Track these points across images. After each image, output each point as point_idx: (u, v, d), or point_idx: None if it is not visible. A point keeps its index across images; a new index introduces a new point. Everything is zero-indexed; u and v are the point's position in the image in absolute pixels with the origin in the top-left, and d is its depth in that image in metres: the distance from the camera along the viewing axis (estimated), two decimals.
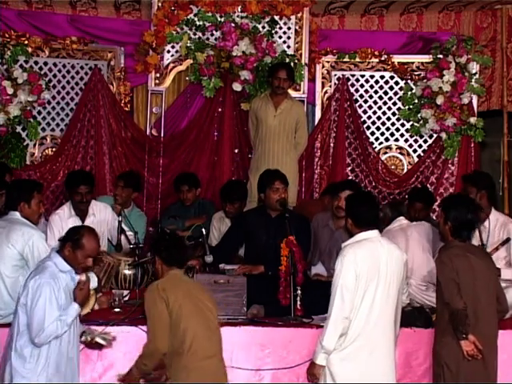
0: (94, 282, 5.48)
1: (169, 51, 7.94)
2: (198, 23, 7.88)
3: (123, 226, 6.30)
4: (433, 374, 4.90)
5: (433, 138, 7.98)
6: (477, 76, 7.83)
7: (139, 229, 6.42)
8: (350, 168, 8.00)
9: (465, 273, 4.74)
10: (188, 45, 7.85)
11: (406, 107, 7.97)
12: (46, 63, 7.78)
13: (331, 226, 6.24)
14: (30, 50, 7.63)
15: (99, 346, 4.81)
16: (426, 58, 7.95)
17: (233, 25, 7.78)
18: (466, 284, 4.73)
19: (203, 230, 5.80)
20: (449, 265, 4.75)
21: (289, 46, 7.98)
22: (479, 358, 4.68)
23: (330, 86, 8.05)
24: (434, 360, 4.86)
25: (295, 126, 7.52)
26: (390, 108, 8.05)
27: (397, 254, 4.73)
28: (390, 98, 8.05)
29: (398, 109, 8.02)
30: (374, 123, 8.06)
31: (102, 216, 6.56)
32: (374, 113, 8.06)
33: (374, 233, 4.75)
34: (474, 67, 7.82)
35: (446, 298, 4.72)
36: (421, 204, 6.82)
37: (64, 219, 6.42)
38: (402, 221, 6.16)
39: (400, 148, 8.11)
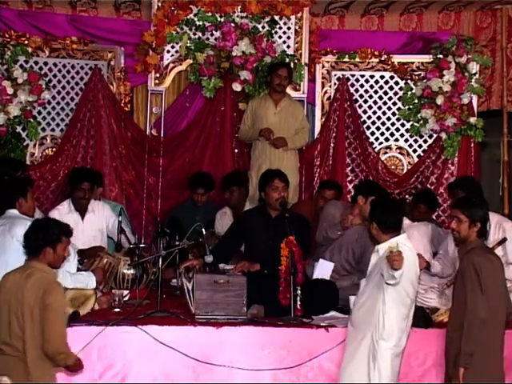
0: (92, 282, 5.47)
1: (169, 51, 7.94)
2: (197, 23, 7.88)
3: (123, 226, 6.31)
4: (445, 375, 4.86)
5: (433, 138, 7.98)
6: (477, 76, 7.83)
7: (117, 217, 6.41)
8: (349, 168, 8.00)
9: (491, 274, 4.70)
10: (188, 45, 7.85)
11: (406, 107, 7.97)
12: (46, 63, 7.78)
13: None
14: (30, 50, 7.63)
15: None
16: (426, 58, 7.95)
17: (233, 25, 7.79)
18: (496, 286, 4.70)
19: (203, 229, 5.79)
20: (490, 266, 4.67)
21: (289, 46, 7.98)
22: None
23: (330, 86, 8.05)
24: (449, 362, 4.80)
25: (296, 126, 7.57)
26: (389, 108, 8.05)
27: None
28: (390, 98, 8.05)
29: (398, 109, 8.02)
30: (373, 123, 8.06)
31: (100, 214, 6.65)
32: (374, 113, 8.05)
33: (404, 237, 4.78)
34: (474, 67, 7.82)
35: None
36: (425, 206, 6.83)
37: (63, 214, 6.48)
38: (404, 221, 6.14)
39: (400, 148, 8.10)
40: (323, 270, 6.07)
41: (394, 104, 8.04)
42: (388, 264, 4.44)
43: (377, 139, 8.08)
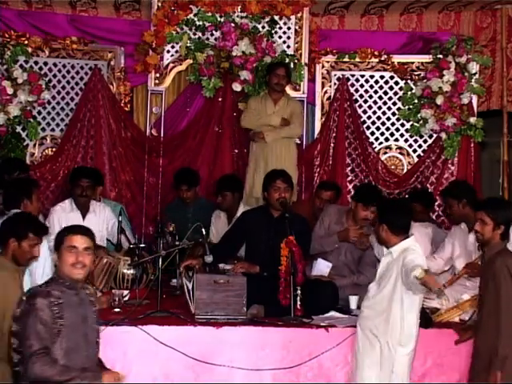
0: None
1: (168, 51, 7.94)
2: (197, 23, 7.88)
3: (123, 226, 6.31)
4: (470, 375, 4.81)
5: (433, 138, 7.98)
6: (477, 76, 7.83)
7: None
8: (349, 168, 8.00)
9: None
10: (188, 45, 7.85)
11: (406, 107, 7.97)
12: (45, 63, 7.79)
13: (344, 222, 6.19)
14: (29, 50, 7.64)
15: None
16: (426, 58, 7.95)
17: (233, 25, 7.78)
18: None
19: (203, 229, 5.79)
20: None
21: (289, 46, 7.98)
22: None
23: (330, 86, 8.05)
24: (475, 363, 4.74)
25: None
26: (389, 108, 8.05)
27: None
28: (390, 98, 8.05)
29: (398, 109, 8.02)
30: (373, 123, 8.06)
31: (101, 215, 6.66)
32: (374, 113, 8.05)
33: (413, 239, 4.77)
34: (474, 67, 7.81)
35: None
36: (420, 205, 6.82)
37: (65, 211, 6.52)
38: None
39: (400, 148, 8.10)
40: (321, 268, 6.08)
41: (394, 104, 8.04)
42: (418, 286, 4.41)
43: (377, 139, 8.08)
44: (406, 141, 8.07)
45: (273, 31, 7.94)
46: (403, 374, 4.66)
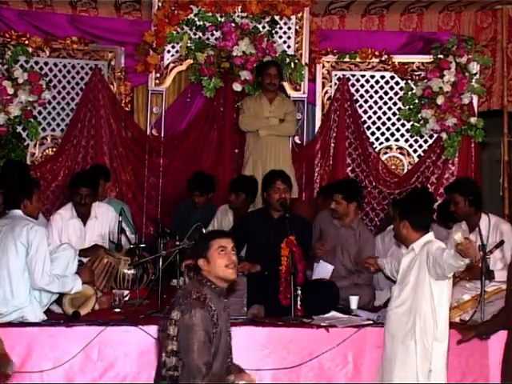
0: (77, 286, 5.39)
1: (169, 51, 7.94)
2: (198, 23, 7.88)
3: (123, 225, 6.29)
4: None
5: (433, 138, 7.98)
6: (477, 76, 7.83)
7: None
8: (350, 168, 8.00)
9: None
10: (188, 45, 7.86)
11: (407, 107, 7.97)
12: (46, 63, 7.79)
13: (336, 223, 6.23)
14: (30, 50, 7.64)
15: None
16: (427, 58, 7.95)
17: (233, 25, 7.79)
18: None
19: (203, 229, 5.79)
20: None
21: (289, 46, 7.98)
22: None
23: (331, 86, 8.05)
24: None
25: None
26: (390, 108, 8.05)
27: None
28: (391, 98, 8.05)
29: (399, 109, 8.02)
30: (374, 123, 8.06)
31: (104, 218, 6.50)
32: (375, 113, 8.05)
33: (432, 235, 4.76)
34: (475, 67, 7.81)
35: None
36: None
37: (65, 220, 6.42)
38: None
39: (400, 148, 8.10)
40: (323, 271, 6.08)
41: (395, 104, 8.04)
42: (457, 256, 4.31)
43: (377, 139, 8.08)
44: (407, 141, 8.07)
45: (273, 31, 7.94)
46: (442, 372, 4.57)
